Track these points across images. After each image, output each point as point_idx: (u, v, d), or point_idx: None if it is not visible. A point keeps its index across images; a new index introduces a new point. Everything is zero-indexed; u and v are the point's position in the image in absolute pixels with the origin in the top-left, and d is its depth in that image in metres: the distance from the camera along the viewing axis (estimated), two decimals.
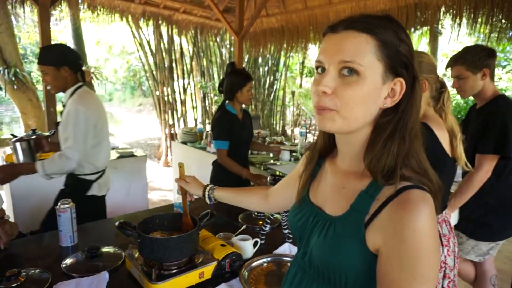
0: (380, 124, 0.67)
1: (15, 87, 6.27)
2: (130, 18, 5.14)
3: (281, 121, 8.66)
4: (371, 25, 0.62)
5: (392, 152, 0.64)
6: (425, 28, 4.66)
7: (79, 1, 4.48)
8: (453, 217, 2.01)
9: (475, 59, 1.80)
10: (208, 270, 1.20)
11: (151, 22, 5.38)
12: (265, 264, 1.31)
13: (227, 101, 2.43)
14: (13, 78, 6.19)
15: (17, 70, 6.24)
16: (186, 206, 1.22)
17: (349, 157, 0.72)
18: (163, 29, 5.63)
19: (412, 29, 4.10)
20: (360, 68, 0.61)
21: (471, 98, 1.96)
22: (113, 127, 11.49)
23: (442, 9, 3.67)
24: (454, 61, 1.88)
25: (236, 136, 2.41)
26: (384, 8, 4.04)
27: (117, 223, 1.16)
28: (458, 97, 9.78)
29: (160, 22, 5.41)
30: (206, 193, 1.19)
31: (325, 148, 0.81)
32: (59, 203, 1.42)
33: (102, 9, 4.70)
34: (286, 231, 1.51)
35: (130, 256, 1.23)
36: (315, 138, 0.87)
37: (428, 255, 0.57)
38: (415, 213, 0.57)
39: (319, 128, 0.69)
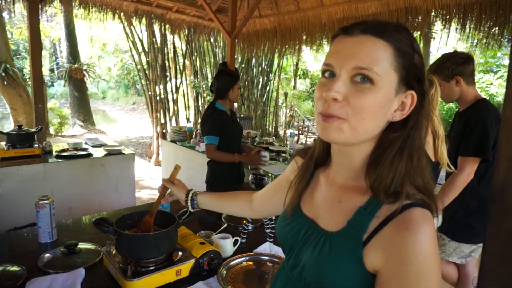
0: (387, 139, 0.63)
1: (5, 82, 6.21)
2: (122, 15, 5.11)
3: (274, 122, 8.67)
4: (388, 31, 0.59)
5: (399, 171, 0.61)
6: (416, 33, 4.71)
7: None
8: (436, 219, 2.02)
9: (444, 69, 1.85)
10: (185, 268, 1.19)
11: (143, 21, 5.36)
12: (244, 263, 1.31)
13: (217, 100, 2.52)
14: (3, 74, 6.14)
15: (8, 65, 6.19)
16: (157, 207, 1.20)
17: (345, 170, 0.69)
18: (156, 27, 5.61)
19: None
20: (375, 77, 0.57)
21: None
22: (106, 126, 11.43)
23: (432, 13, 3.71)
24: (429, 71, 1.93)
25: (228, 132, 2.49)
26: (376, 12, 4.07)
27: (94, 219, 1.15)
28: None
29: (153, 20, 5.38)
30: (189, 196, 1.14)
31: (321, 157, 0.77)
32: (37, 199, 1.40)
33: (94, 6, 4.66)
34: (268, 230, 1.51)
35: (107, 253, 1.22)
36: (307, 140, 0.82)
37: (430, 276, 0.55)
38: (419, 234, 0.55)
39: (322, 138, 0.64)
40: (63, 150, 2.95)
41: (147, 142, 8.28)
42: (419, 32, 4.40)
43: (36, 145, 2.80)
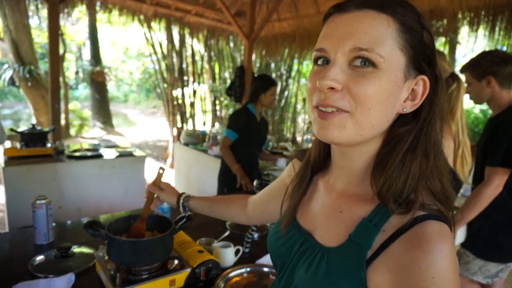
0: (395, 134, 0.53)
1: (29, 84, 6.37)
2: (142, 18, 5.15)
3: (292, 128, 8.54)
4: (390, 4, 0.49)
5: (412, 172, 0.51)
6: (442, 39, 4.51)
7: None
8: (460, 234, 1.86)
9: (477, 66, 1.70)
10: (180, 278, 1.11)
11: (163, 23, 5.38)
12: (245, 275, 1.21)
13: (250, 103, 2.59)
14: (27, 75, 6.29)
15: (32, 67, 6.34)
16: (146, 212, 1.12)
17: (348, 174, 0.59)
18: (175, 30, 5.63)
19: None
20: (378, 60, 0.47)
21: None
22: (126, 128, 11.60)
23: (459, 15, 3.52)
24: (463, 67, 1.78)
25: (250, 134, 2.54)
26: None
27: (85, 222, 1.08)
28: (477, 110, 9.47)
29: (172, 23, 5.40)
30: (181, 201, 1.09)
31: (319, 161, 0.67)
32: (34, 199, 1.35)
33: (113, 8, 4.71)
34: None
35: (99, 258, 1.15)
36: (308, 147, 0.72)
37: None
38: (435, 254, 0.45)
39: (320, 138, 0.53)
40: (75, 151, 2.94)
41: (164, 145, 8.33)
42: (444, 38, 4.21)
43: (49, 145, 2.80)
